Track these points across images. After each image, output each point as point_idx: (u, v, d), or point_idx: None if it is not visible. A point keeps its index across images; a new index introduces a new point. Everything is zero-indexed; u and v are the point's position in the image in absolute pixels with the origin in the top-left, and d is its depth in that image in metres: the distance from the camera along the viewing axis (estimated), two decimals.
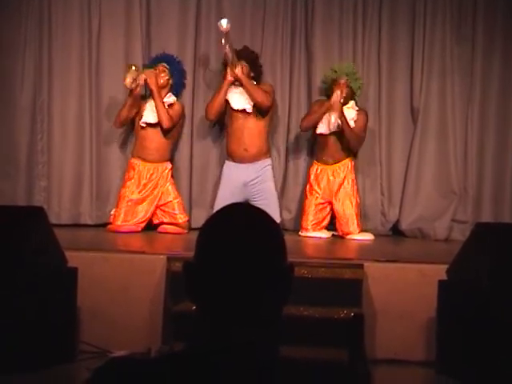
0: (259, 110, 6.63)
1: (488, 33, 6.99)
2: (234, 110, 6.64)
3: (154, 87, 6.52)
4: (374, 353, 4.93)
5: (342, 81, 6.56)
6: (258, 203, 6.43)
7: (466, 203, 6.97)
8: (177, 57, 6.79)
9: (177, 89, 6.79)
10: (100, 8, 6.91)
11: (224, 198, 6.37)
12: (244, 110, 6.61)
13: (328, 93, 6.73)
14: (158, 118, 6.56)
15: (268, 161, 6.77)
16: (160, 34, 6.97)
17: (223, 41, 6.42)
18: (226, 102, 6.65)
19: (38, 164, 6.88)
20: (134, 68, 6.49)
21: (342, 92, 6.51)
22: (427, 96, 7.00)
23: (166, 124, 6.56)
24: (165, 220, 6.67)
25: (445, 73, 6.98)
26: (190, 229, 6.64)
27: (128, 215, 6.56)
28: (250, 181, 6.65)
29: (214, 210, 1.53)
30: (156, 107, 6.54)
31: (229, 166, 6.73)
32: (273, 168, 6.81)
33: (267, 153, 6.78)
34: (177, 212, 6.65)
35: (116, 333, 4.98)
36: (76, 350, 4.79)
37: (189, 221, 6.69)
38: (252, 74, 6.72)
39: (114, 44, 6.93)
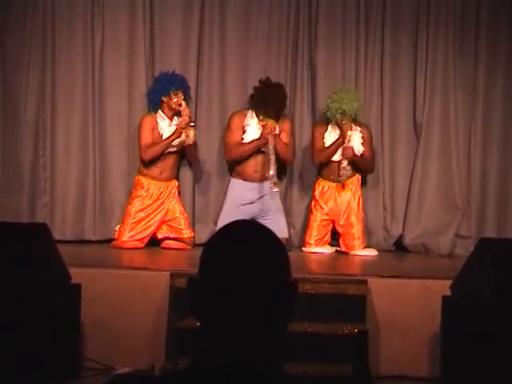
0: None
1: (491, 48, 7.00)
2: None
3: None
4: (378, 369, 4.92)
5: (344, 122, 6.60)
6: (267, 220, 6.44)
7: (470, 218, 6.96)
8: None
9: None
10: (103, 27, 6.92)
11: (229, 215, 6.35)
12: None
13: (329, 117, 6.72)
14: (191, 155, 6.72)
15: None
16: (163, 54, 6.97)
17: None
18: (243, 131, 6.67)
19: (40, 180, 6.90)
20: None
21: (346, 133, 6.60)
22: (430, 112, 7.01)
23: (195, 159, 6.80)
24: (170, 235, 6.66)
25: (447, 89, 6.99)
26: (194, 245, 6.64)
27: (133, 232, 6.56)
28: (259, 198, 6.64)
29: (218, 227, 1.53)
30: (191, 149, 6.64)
31: (236, 184, 6.70)
32: None
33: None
34: (183, 227, 6.65)
35: (120, 349, 4.98)
36: (80, 366, 4.79)
37: (194, 237, 6.69)
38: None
39: (117, 63, 6.94)
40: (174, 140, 6.52)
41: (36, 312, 4.43)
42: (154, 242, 6.67)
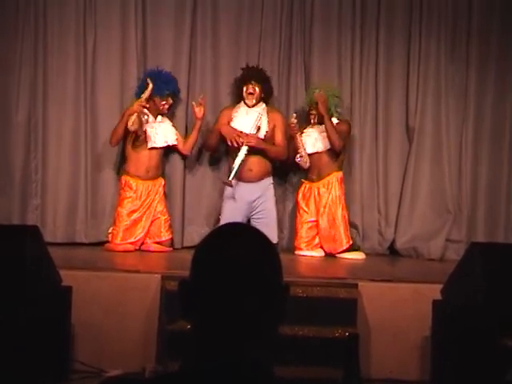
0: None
1: (482, 54, 7.04)
2: None
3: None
4: (368, 372, 4.93)
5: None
6: (258, 222, 6.43)
7: (461, 223, 6.98)
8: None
9: None
10: (95, 29, 6.90)
11: (228, 217, 6.36)
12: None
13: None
14: (189, 146, 6.75)
15: (270, 179, 6.75)
16: (155, 56, 6.96)
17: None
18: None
19: (32, 182, 6.88)
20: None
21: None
22: (422, 115, 7.03)
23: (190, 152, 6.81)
24: (149, 237, 6.65)
25: (439, 92, 7.02)
26: (183, 247, 6.65)
27: (126, 233, 6.55)
28: (254, 200, 6.62)
29: None
30: (194, 138, 6.70)
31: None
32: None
33: (270, 171, 6.76)
34: (162, 229, 6.64)
35: (110, 352, 4.97)
36: (70, 369, 4.77)
37: (172, 239, 6.68)
38: (262, 95, 6.72)
39: (109, 65, 6.93)
40: (124, 122, 6.51)
41: (26, 314, 4.41)
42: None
